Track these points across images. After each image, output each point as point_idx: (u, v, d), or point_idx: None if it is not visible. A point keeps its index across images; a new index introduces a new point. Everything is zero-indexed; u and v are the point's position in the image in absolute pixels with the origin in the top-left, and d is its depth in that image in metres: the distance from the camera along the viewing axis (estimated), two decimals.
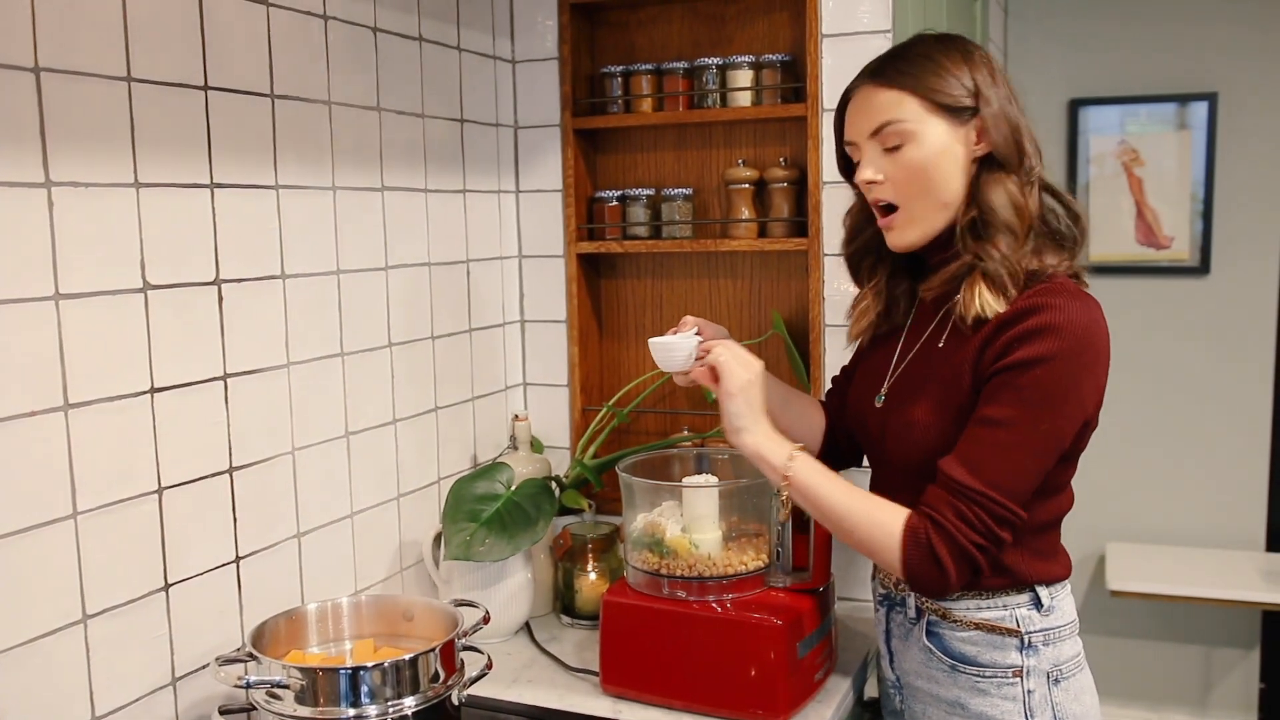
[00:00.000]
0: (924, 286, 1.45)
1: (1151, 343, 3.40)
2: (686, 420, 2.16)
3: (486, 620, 1.46)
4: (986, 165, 1.38)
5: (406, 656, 1.31)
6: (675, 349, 1.50)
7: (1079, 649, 1.45)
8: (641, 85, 2.07)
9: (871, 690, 1.79)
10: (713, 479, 1.65)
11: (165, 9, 1.34)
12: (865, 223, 1.51)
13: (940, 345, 1.41)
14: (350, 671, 1.28)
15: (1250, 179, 3.30)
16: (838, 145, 1.50)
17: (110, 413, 1.28)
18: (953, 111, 1.37)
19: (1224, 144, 3.32)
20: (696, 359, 1.48)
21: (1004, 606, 1.40)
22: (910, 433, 1.40)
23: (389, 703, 1.29)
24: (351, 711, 1.27)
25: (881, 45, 1.84)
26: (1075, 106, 3.43)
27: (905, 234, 1.42)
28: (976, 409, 1.32)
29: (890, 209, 1.42)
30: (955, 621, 1.42)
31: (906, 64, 1.39)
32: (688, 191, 2.07)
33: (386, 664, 1.29)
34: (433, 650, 1.33)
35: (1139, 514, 3.47)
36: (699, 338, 1.50)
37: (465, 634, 1.41)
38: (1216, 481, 3.40)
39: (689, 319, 1.54)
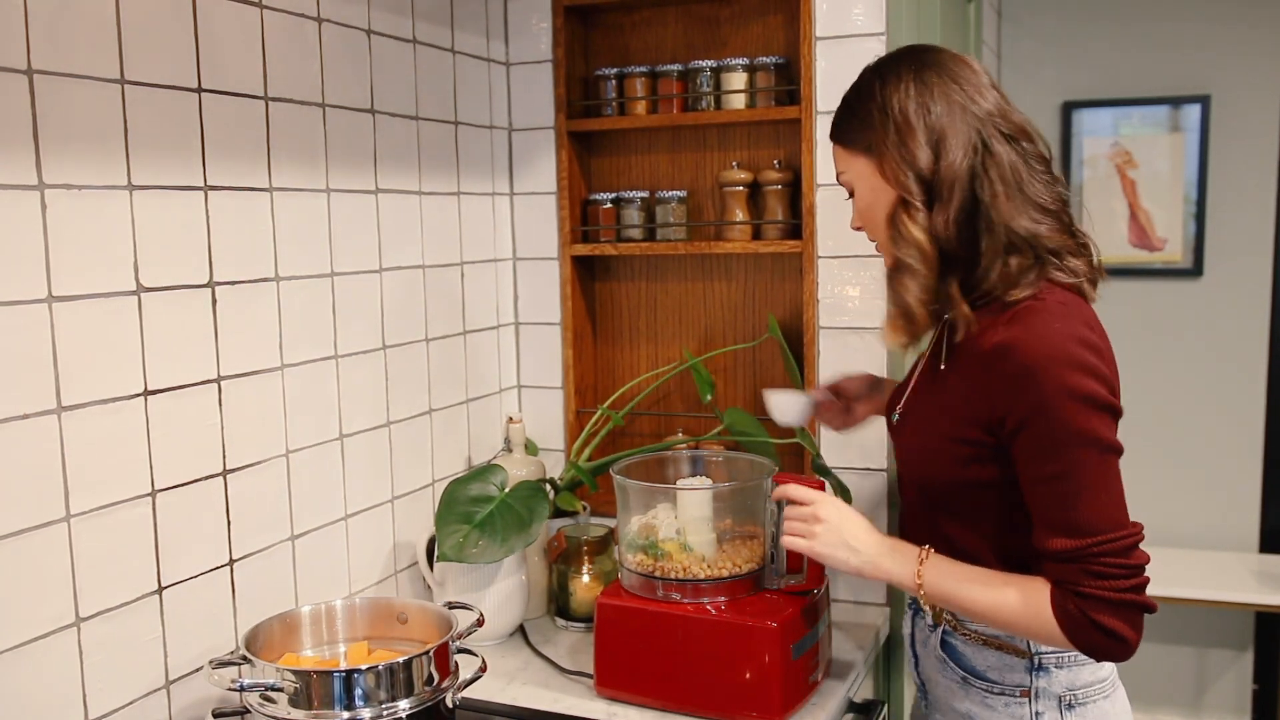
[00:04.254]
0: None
1: (1144, 345, 3.41)
2: (681, 423, 2.16)
3: (481, 623, 1.46)
4: (899, 201, 1.33)
5: (401, 659, 1.31)
6: (785, 410, 1.67)
7: (1104, 675, 1.39)
8: (636, 88, 2.07)
9: (866, 692, 1.80)
10: (707, 481, 1.65)
11: (159, 11, 1.34)
12: None
13: (942, 368, 1.40)
14: (344, 674, 1.28)
15: (1243, 181, 3.31)
16: None
17: (104, 415, 1.28)
18: (867, 152, 1.36)
19: (1217, 146, 3.33)
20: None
21: None
22: (919, 457, 1.42)
23: (383, 705, 1.29)
24: (345, 714, 1.27)
25: (875, 47, 1.85)
26: (1068, 109, 3.44)
27: (886, 259, 1.42)
28: (1025, 470, 1.28)
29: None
30: (965, 635, 1.41)
31: (841, 114, 1.41)
32: (682, 194, 2.07)
33: (381, 667, 1.29)
34: (427, 653, 1.33)
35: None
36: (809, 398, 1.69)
37: (459, 636, 1.41)
38: (1210, 483, 3.41)
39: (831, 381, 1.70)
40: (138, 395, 1.32)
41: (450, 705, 1.36)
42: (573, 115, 2.11)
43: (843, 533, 1.40)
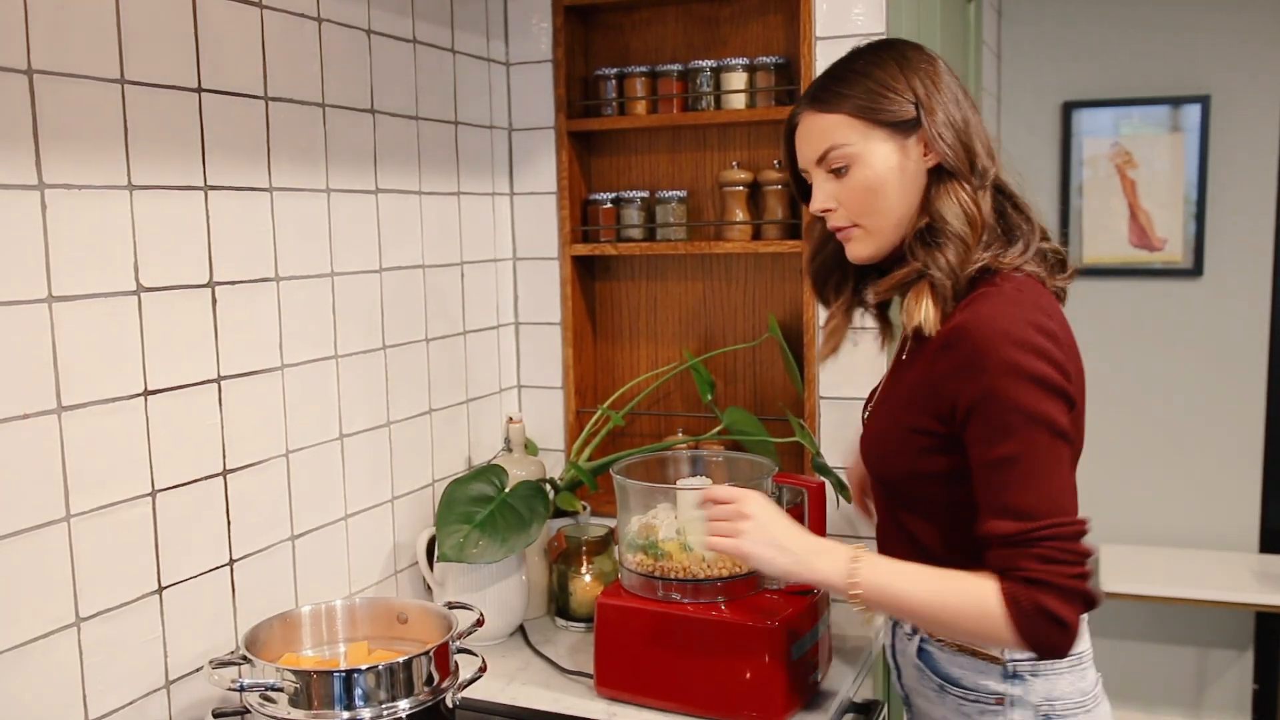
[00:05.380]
0: (873, 290, 1.41)
1: (1144, 344, 3.41)
2: (681, 422, 2.16)
3: (481, 623, 1.46)
4: (936, 175, 1.33)
5: (401, 659, 1.31)
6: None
7: (1085, 687, 1.34)
8: (636, 87, 2.07)
9: (867, 692, 1.79)
10: (707, 481, 1.65)
11: (159, 11, 1.34)
12: (827, 238, 1.46)
13: (904, 358, 1.40)
14: (344, 674, 1.28)
15: (1243, 181, 3.31)
16: (791, 171, 1.46)
17: (104, 415, 1.28)
18: (895, 126, 1.32)
19: (1217, 146, 3.33)
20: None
21: None
22: (879, 449, 1.40)
23: (383, 705, 1.29)
24: (345, 714, 1.27)
25: None
26: (1069, 109, 3.44)
27: (863, 247, 1.38)
28: (975, 454, 1.25)
29: (850, 226, 1.38)
30: (941, 641, 1.38)
31: (843, 84, 1.35)
32: (682, 194, 2.07)
33: (381, 667, 1.29)
34: (427, 653, 1.33)
35: (1132, 515, 3.48)
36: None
37: (459, 636, 1.41)
38: (1210, 483, 3.41)
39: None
40: (138, 395, 1.32)
41: (450, 705, 1.36)
42: (573, 115, 2.11)
43: (771, 530, 1.35)
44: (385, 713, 1.28)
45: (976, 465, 1.25)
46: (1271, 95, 3.26)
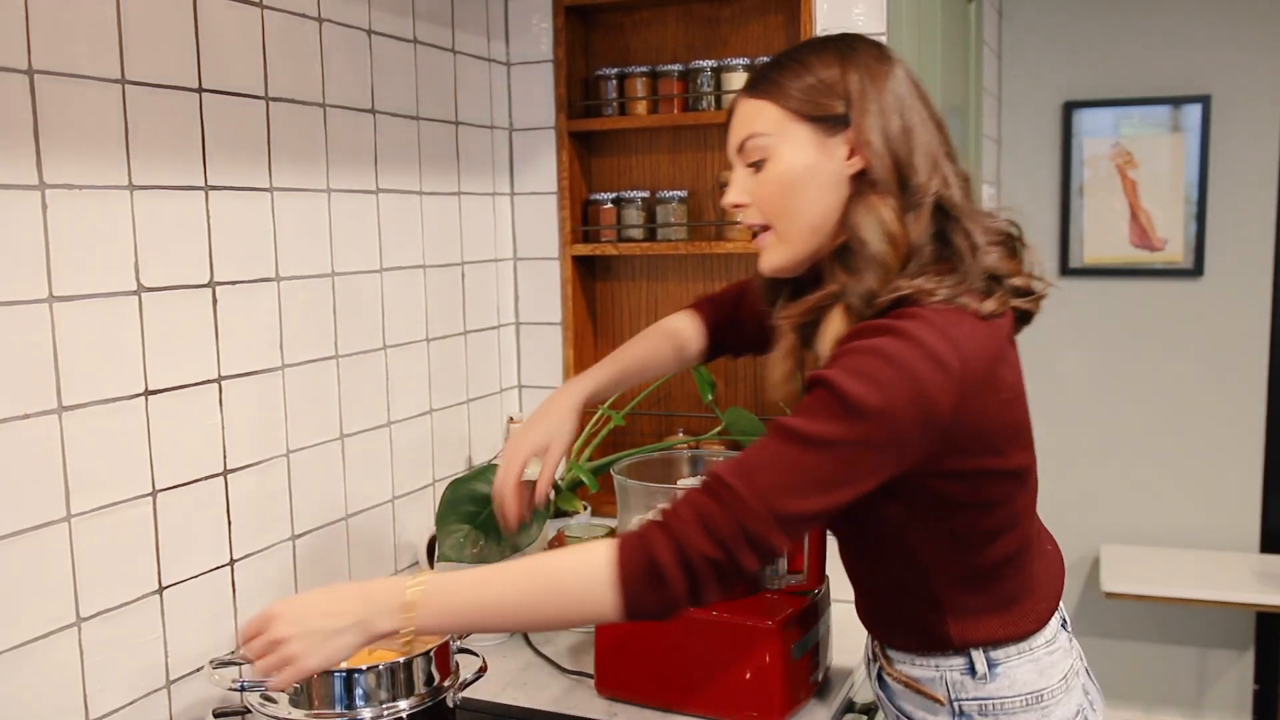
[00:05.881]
0: (782, 314, 1.26)
1: (1145, 345, 3.41)
2: (682, 423, 2.16)
3: None
4: (859, 185, 1.17)
5: (401, 659, 1.31)
6: None
7: None
8: (636, 88, 2.07)
9: (866, 693, 1.79)
10: None
11: (159, 11, 1.34)
12: None
13: None
14: (345, 674, 1.28)
15: (1243, 181, 3.31)
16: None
17: (104, 415, 1.28)
18: (818, 121, 1.18)
19: (1217, 146, 3.33)
20: None
21: (935, 667, 1.25)
22: None
23: (384, 705, 1.28)
24: (346, 715, 1.27)
25: None
26: (1069, 109, 3.44)
27: (773, 255, 1.24)
28: (779, 418, 1.10)
29: (764, 228, 1.25)
30: (892, 675, 1.31)
31: (776, 71, 1.21)
32: (682, 194, 2.07)
33: (381, 667, 1.29)
34: (427, 653, 1.33)
35: (1133, 516, 3.48)
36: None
37: (460, 636, 1.41)
38: (1210, 483, 3.41)
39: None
40: (138, 395, 1.32)
41: (451, 705, 1.36)
42: (573, 115, 2.11)
43: (315, 629, 1.10)
44: (386, 713, 1.28)
45: (771, 424, 1.10)
46: (1271, 95, 3.26)
